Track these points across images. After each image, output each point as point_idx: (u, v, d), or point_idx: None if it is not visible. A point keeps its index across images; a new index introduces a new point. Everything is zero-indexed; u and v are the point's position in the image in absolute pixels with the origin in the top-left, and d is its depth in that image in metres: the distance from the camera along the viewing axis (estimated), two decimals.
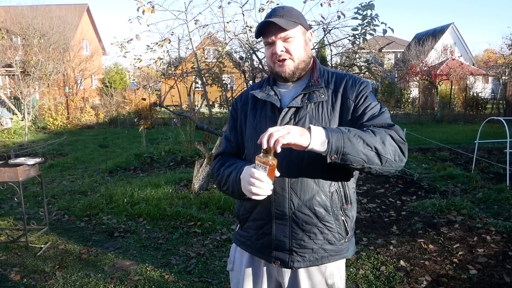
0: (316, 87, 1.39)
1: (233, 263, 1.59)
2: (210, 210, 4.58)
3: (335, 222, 1.39)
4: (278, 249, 1.40)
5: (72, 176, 6.78)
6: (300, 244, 1.38)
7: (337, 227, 1.39)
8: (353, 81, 1.41)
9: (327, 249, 1.40)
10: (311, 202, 1.35)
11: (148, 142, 9.76)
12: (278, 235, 1.39)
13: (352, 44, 4.70)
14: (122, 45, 4.62)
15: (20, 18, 18.19)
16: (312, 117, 1.36)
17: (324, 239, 1.39)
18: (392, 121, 1.36)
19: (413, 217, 4.33)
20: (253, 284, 1.52)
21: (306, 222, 1.36)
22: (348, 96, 1.38)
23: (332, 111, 1.37)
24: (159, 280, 3.08)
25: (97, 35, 29.39)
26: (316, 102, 1.37)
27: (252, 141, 1.42)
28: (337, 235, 1.40)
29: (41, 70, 14.11)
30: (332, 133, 1.17)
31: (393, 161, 1.24)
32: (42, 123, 15.02)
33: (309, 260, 1.39)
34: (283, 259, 1.40)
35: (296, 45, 1.38)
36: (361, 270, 3.17)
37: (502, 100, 17.44)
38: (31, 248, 3.67)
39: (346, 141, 1.18)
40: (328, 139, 1.17)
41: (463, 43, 29.03)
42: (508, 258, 3.28)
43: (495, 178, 5.97)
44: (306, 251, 1.39)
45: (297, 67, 1.40)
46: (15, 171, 3.54)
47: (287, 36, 1.36)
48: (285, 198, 1.35)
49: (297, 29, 1.38)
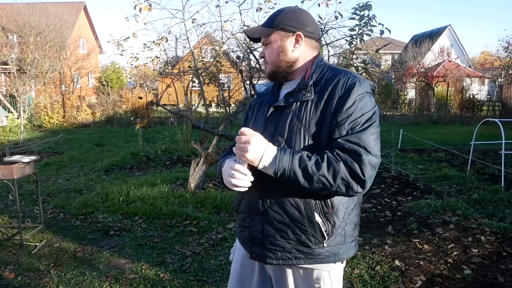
0: (302, 85, 1.37)
1: (234, 253, 1.63)
2: (206, 209, 4.57)
3: (309, 225, 1.34)
4: (254, 243, 1.44)
5: (68, 175, 6.75)
6: (272, 242, 1.39)
7: (311, 230, 1.34)
8: (345, 79, 1.33)
9: (301, 250, 1.37)
10: (283, 201, 1.35)
11: (144, 141, 9.74)
12: (253, 230, 1.43)
13: (349, 44, 4.71)
14: (119, 43, 4.60)
15: (16, 15, 18.11)
16: (294, 116, 1.35)
17: (297, 240, 1.36)
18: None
19: (409, 217, 4.34)
20: (246, 275, 1.55)
21: (277, 221, 1.36)
22: (334, 94, 1.32)
23: (315, 111, 1.33)
24: (155, 279, 3.07)
25: (94, 34, 29.28)
26: (302, 101, 1.35)
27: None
28: (312, 238, 1.35)
29: (37, 68, 14.03)
30: (278, 165, 1.25)
31: (342, 192, 1.26)
32: (38, 121, 14.95)
33: (281, 259, 1.38)
34: (258, 253, 1.43)
35: (270, 51, 1.43)
36: (356, 269, 3.18)
37: (498, 102, 17.55)
38: (26, 246, 3.65)
39: (291, 175, 1.25)
40: (274, 168, 1.25)
41: (459, 45, 29.17)
42: (502, 258, 3.30)
43: (490, 179, 6.00)
44: (278, 248, 1.38)
45: (275, 71, 1.44)
46: (10, 168, 3.53)
47: (264, 41, 1.44)
48: (259, 195, 1.39)
49: (274, 35, 1.41)
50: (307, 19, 1.43)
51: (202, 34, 5.57)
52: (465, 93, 17.70)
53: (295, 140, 1.33)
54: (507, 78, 16.82)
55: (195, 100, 11.09)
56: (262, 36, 1.44)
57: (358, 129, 1.26)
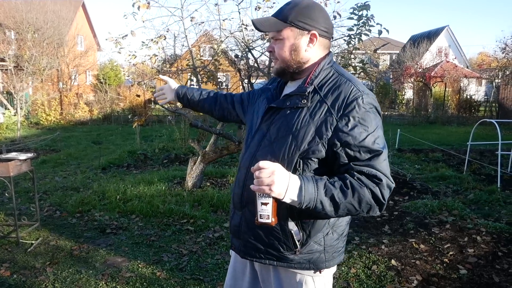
0: (300, 90, 1.31)
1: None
2: (203, 208, 4.57)
3: (282, 233, 1.31)
4: (234, 236, 1.48)
5: (65, 172, 6.73)
6: (246, 239, 1.41)
7: (283, 237, 1.32)
8: (347, 93, 1.25)
9: (272, 253, 1.36)
10: None
11: (142, 139, 9.72)
12: (234, 223, 1.46)
13: (348, 44, 4.72)
14: (117, 41, 4.59)
15: (14, 12, 18.01)
16: (285, 121, 1.30)
17: (269, 244, 1.35)
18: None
19: (405, 217, 4.36)
20: (239, 270, 1.57)
21: (252, 221, 1.34)
22: (333, 110, 1.24)
23: (308, 121, 1.26)
24: (151, 277, 3.07)
25: (92, 31, 29.16)
26: (296, 107, 1.30)
27: (248, 131, 1.50)
28: (283, 245, 1.33)
29: (35, 65, 13.97)
30: (305, 196, 1.15)
31: (364, 214, 1.23)
32: (35, 119, 14.88)
33: (255, 257, 1.41)
34: (236, 246, 1.48)
35: (280, 47, 1.33)
36: (353, 269, 3.19)
37: (495, 103, 17.61)
38: (22, 244, 3.64)
39: (317, 205, 1.16)
40: (300, 200, 1.15)
41: (457, 46, 29.26)
42: (497, 258, 3.31)
43: (486, 180, 6.03)
44: (251, 246, 1.40)
45: (284, 69, 1.35)
46: (7, 165, 3.51)
47: (275, 36, 1.33)
48: (241, 192, 1.40)
49: (287, 31, 1.30)
50: (322, 16, 1.33)
51: (201, 33, 5.56)
52: (462, 94, 17.77)
53: (280, 147, 1.28)
54: (504, 79, 16.88)
55: None
56: (272, 31, 1.33)
57: (373, 153, 1.21)
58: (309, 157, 1.25)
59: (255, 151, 1.37)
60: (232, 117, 1.82)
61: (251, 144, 1.40)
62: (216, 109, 1.83)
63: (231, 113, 1.81)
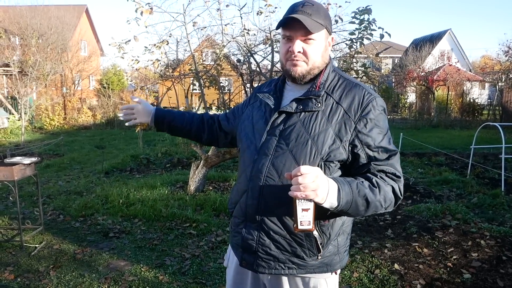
0: (313, 94, 1.30)
1: (228, 259, 1.57)
2: (205, 211, 4.58)
3: (306, 238, 1.30)
4: (245, 251, 1.39)
5: (68, 177, 6.76)
6: (266, 251, 1.34)
7: (307, 243, 1.31)
8: (361, 97, 1.28)
9: (294, 262, 1.34)
10: (281, 212, 1.30)
11: (144, 143, 9.75)
12: (246, 237, 1.37)
13: (349, 48, 4.73)
14: (120, 46, 4.63)
15: (18, 18, 18.14)
16: (302, 126, 1.28)
17: (292, 252, 1.33)
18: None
19: (408, 221, 4.34)
20: (238, 282, 1.50)
21: (274, 231, 1.32)
22: (350, 113, 1.27)
23: (325, 124, 1.27)
24: (154, 281, 3.07)
25: (96, 36, 29.38)
26: (311, 111, 1.29)
27: (249, 138, 1.41)
28: (307, 251, 1.32)
29: (39, 70, 14.07)
30: (343, 198, 1.16)
31: (383, 211, 1.26)
32: (39, 123, 14.97)
33: (274, 268, 1.35)
34: (249, 261, 1.38)
35: (314, 49, 1.29)
36: (355, 273, 3.18)
37: (498, 106, 17.58)
38: (26, 248, 3.65)
39: (352, 205, 1.18)
40: (339, 202, 1.15)
41: (460, 49, 29.23)
42: (502, 262, 3.29)
43: (490, 183, 6.00)
44: (271, 258, 1.34)
45: (309, 72, 1.32)
46: (11, 170, 3.53)
47: (308, 37, 1.28)
48: (258, 203, 1.32)
49: (321, 32, 1.29)
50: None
51: (203, 37, 5.59)
52: (465, 97, 17.72)
53: (300, 152, 1.26)
54: (508, 82, 16.84)
55: (195, 103, 11.11)
56: (311, 32, 1.26)
57: (390, 153, 1.28)
58: (331, 160, 1.26)
59: (271, 158, 1.30)
60: (221, 141, 1.71)
61: (260, 152, 1.33)
62: (205, 134, 1.69)
63: (220, 137, 1.69)
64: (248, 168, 1.36)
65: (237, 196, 1.42)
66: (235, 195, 1.44)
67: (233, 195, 1.47)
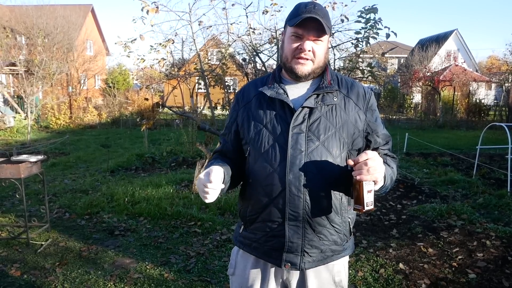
0: (329, 89, 1.37)
1: (235, 267, 1.52)
2: (210, 210, 4.59)
3: (342, 224, 1.40)
4: (290, 251, 1.36)
5: (74, 175, 6.80)
6: (312, 245, 1.37)
7: (343, 228, 1.41)
8: (363, 90, 1.44)
9: (332, 249, 1.41)
10: (324, 204, 1.35)
11: (150, 142, 9.79)
12: (292, 237, 1.35)
13: (355, 47, 4.72)
14: (126, 44, 4.65)
15: (24, 17, 18.28)
16: (326, 119, 1.35)
17: (332, 240, 1.40)
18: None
19: (413, 221, 4.33)
20: (255, 277, 1.46)
21: (319, 224, 1.36)
22: (359, 105, 1.41)
23: (344, 117, 1.37)
24: (159, 279, 3.09)
25: (101, 36, 29.52)
26: (330, 104, 1.36)
27: (266, 140, 1.36)
28: (342, 236, 1.42)
29: (45, 70, 14.15)
30: (387, 176, 1.33)
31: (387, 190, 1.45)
32: (45, 122, 15.07)
33: (317, 260, 1.39)
34: (294, 262, 1.37)
35: (321, 49, 1.36)
36: (360, 272, 3.17)
37: (505, 107, 17.44)
38: (32, 245, 3.69)
39: (387, 180, 1.35)
40: (385, 181, 1.33)
41: (466, 50, 29.02)
42: (507, 263, 3.28)
43: (496, 184, 5.96)
44: (315, 251, 1.38)
45: (313, 70, 1.38)
46: (17, 167, 3.56)
47: (319, 38, 1.33)
48: (300, 199, 1.31)
49: (327, 34, 1.37)
50: None
51: (209, 37, 5.60)
52: (471, 98, 17.60)
53: (332, 144, 1.34)
54: None
55: (200, 102, 11.15)
56: (325, 34, 1.33)
57: (388, 138, 1.48)
58: (353, 149, 1.39)
59: (306, 153, 1.30)
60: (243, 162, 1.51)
61: (293, 148, 1.31)
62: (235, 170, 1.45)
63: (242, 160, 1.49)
64: (279, 167, 1.32)
65: (263, 200, 1.35)
66: (258, 201, 1.37)
67: (253, 201, 1.39)
